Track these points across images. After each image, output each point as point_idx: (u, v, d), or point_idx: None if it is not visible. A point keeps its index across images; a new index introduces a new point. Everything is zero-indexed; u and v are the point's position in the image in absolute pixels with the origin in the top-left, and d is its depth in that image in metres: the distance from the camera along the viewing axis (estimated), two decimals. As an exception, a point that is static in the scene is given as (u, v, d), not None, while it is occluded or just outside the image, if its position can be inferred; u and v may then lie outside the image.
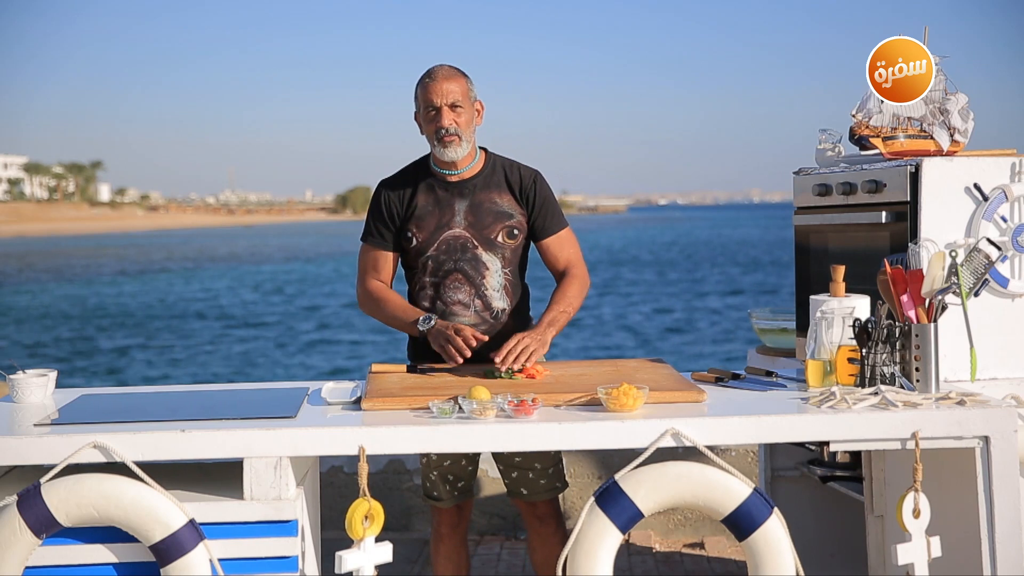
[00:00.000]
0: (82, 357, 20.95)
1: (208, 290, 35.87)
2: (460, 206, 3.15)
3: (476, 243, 3.15)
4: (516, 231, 3.18)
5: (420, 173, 3.21)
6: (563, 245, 3.24)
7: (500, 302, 3.18)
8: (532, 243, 3.27)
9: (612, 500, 2.50)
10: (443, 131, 3.07)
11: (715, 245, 64.74)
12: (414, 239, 3.16)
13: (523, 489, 3.18)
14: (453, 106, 3.07)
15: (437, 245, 3.15)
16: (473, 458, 3.20)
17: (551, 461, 3.17)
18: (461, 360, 2.97)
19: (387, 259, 3.23)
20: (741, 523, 2.50)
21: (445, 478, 3.18)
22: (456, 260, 3.14)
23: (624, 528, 2.50)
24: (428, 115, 3.09)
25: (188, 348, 22.12)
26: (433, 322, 3.04)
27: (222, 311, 29.27)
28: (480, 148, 3.22)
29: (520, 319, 3.24)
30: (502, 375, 2.92)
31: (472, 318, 3.15)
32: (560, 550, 3.19)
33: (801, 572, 2.50)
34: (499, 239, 3.16)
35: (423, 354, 3.19)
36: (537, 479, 3.16)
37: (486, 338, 3.02)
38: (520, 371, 2.93)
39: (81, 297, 34.04)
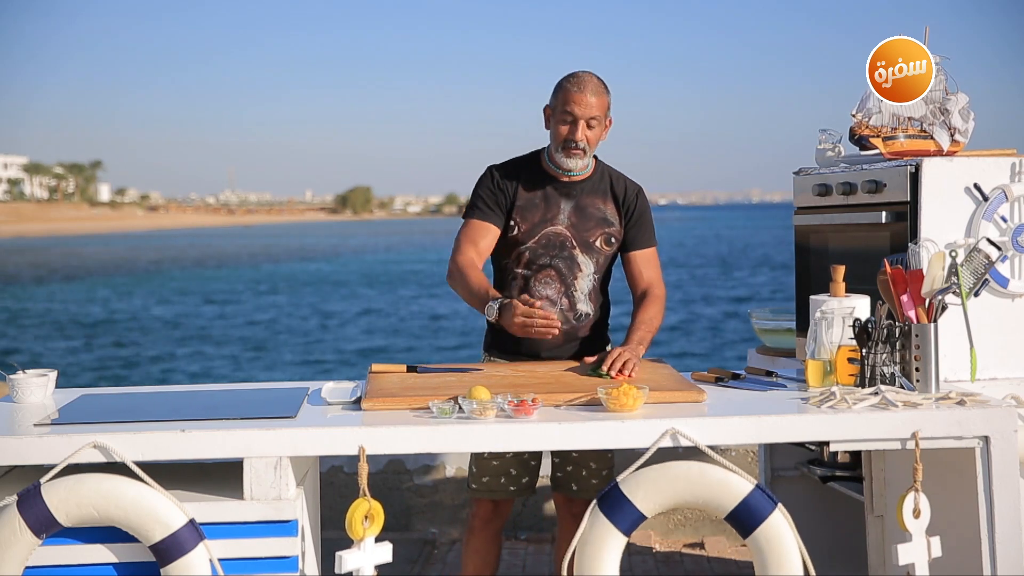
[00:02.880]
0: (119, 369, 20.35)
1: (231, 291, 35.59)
2: (566, 205, 3.19)
3: (575, 243, 3.18)
4: (613, 239, 3.23)
5: (532, 167, 3.23)
6: (649, 262, 3.27)
7: (585, 306, 3.22)
8: (619, 254, 3.28)
9: (614, 504, 2.50)
10: (573, 143, 3.09)
11: (719, 245, 64.77)
12: (516, 228, 3.17)
13: (574, 485, 3.21)
14: (590, 121, 3.08)
15: (538, 238, 3.17)
16: (537, 453, 3.21)
17: (606, 464, 3.22)
18: (556, 331, 2.93)
19: (489, 231, 3.18)
20: (744, 520, 2.49)
21: (507, 472, 3.18)
22: (552, 256, 3.17)
23: (627, 531, 2.50)
24: (563, 119, 3.09)
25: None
26: (496, 306, 2.99)
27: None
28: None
29: (599, 331, 3.27)
30: (604, 375, 2.90)
31: (557, 315, 3.15)
32: None
33: (810, 567, 2.49)
34: (597, 243, 3.20)
35: (501, 346, 3.22)
36: (589, 477, 3.20)
37: (556, 320, 2.94)
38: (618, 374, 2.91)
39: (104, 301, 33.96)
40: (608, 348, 3.29)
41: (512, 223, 3.18)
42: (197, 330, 25.47)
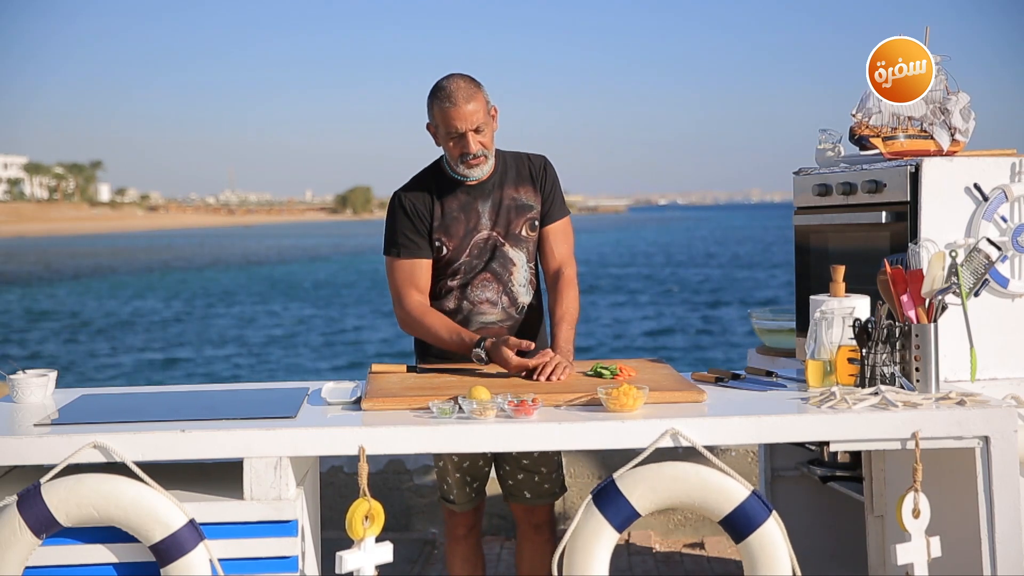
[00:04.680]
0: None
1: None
2: (484, 207, 3.13)
3: (503, 240, 3.14)
4: (536, 222, 3.20)
5: (437, 179, 3.15)
6: (560, 237, 3.22)
7: (525, 297, 3.20)
8: None
9: (609, 499, 2.50)
10: (470, 156, 3.02)
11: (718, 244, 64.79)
12: (444, 248, 3.11)
13: (527, 492, 3.18)
14: (477, 129, 3.01)
15: (468, 251, 3.12)
16: (489, 458, 3.21)
17: (554, 466, 3.20)
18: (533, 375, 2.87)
19: (424, 268, 3.12)
20: (738, 525, 2.49)
21: (464, 480, 3.18)
22: (486, 261, 3.13)
23: (620, 527, 2.50)
24: (450, 136, 3.02)
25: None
26: (487, 341, 2.95)
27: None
28: None
29: (538, 310, 3.26)
30: (605, 374, 2.90)
31: (499, 315, 3.16)
32: (550, 560, 3.21)
33: None
34: (523, 233, 3.17)
35: (430, 353, 3.20)
36: (542, 483, 3.18)
37: (532, 345, 2.91)
38: (618, 373, 2.90)
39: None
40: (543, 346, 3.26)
41: (438, 243, 3.11)
42: (205, 332, 25.40)
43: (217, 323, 26.97)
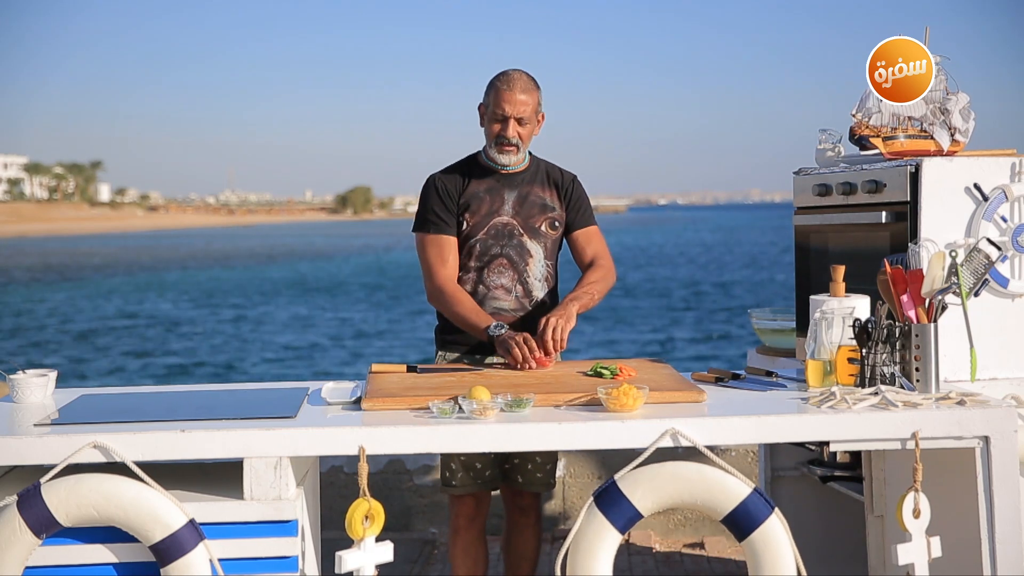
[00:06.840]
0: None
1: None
2: (509, 196, 3.29)
3: (522, 231, 3.28)
4: (557, 223, 3.33)
5: (472, 165, 3.35)
6: (591, 239, 3.39)
7: (540, 291, 3.31)
8: (564, 239, 3.40)
9: (611, 501, 2.50)
10: (504, 139, 3.23)
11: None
12: (465, 223, 3.27)
13: (519, 478, 3.26)
14: (520, 120, 3.22)
15: (487, 230, 3.26)
16: None
17: (550, 458, 3.28)
18: (525, 366, 3.03)
19: (452, 245, 3.28)
20: (740, 523, 2.49)
21: (469, 466, 3.21)
22: (503, 246, 3.27)
23: (623, 529, 2.50)
24: (495, 117, 3.24)
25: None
26: (503, 330, 3.10)
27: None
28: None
29: (549, 307, 3.33)
30: (605, 374, 2.92)
31: (512, 303, 3.26)
32: (534, 544, 3.32)
33: (803, 573, 2.49)
34: (542, 228, 3.30)
35: (451, 342, 3.29)
36: (535, 471, 3.26)
37: (549, 362, 3.07)
38: (619, 373, 2.93)
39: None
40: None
41: (460, 219, 3.28)
42: (206, 332, 25.36)
43: (219, 323, 26.97)
